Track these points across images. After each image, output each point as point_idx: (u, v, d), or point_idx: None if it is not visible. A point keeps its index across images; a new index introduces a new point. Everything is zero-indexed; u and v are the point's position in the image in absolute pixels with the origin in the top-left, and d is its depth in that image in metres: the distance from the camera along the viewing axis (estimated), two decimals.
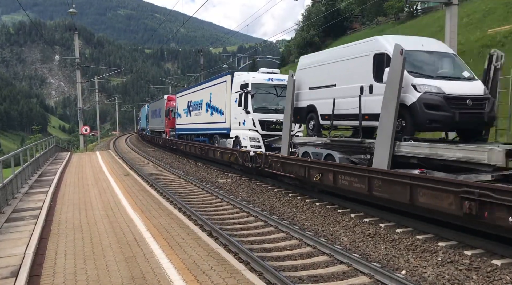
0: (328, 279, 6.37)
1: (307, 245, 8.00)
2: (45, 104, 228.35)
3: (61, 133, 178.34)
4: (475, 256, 6.91)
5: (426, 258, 7.11)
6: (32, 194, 11.61)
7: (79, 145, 37.53)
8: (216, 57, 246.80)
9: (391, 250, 7.60)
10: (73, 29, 36.17)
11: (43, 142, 21.97)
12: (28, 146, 17.06)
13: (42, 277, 5.41)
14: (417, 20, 44.35)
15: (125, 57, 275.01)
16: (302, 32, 66.15)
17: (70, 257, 6.15)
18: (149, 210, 9.38)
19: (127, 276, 5.35)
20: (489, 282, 6.04)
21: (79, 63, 36.45)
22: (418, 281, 6.20)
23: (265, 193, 13.55)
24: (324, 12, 55.66)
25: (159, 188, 14.60)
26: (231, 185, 15.62)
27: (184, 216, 9.14)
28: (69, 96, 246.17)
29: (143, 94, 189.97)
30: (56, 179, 14.24)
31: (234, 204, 11.94)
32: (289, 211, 11.04)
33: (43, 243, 6.87)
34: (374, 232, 8.64)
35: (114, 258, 6.06)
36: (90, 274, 5.46)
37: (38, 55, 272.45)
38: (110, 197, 11.12)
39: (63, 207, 9.84)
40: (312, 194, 12.27)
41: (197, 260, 5.96)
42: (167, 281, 5.17)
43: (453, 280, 6.17)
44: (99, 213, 9.10)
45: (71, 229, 7.81)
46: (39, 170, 17.26)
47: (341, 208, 10.62)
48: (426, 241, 7.80)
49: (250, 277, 5.33)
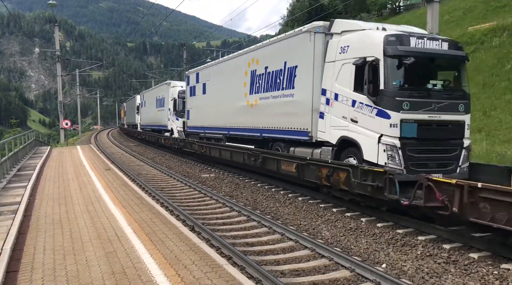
0: (310, 273, 6.41)
1: (289, 239, 8.04)
2: (24, 97, 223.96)
3: (41, 127, 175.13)
4: (453, 249, 7.05)
5: (406, 251, 7.22)
6: (10, 188, 11.38)
7: (60, 139, 36.91)
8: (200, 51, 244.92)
9: (372, 244, 7.70)
10: (53, 21, 35.47)
11: (22, 136, 21.55)
12: (6, 140, 16.71)
13: (19, 272, 5.31)
14: (399, 17, 44.75)
15: (107, 51, 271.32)
16: (286, 27, 66.10)
17: (49, 253, 6.05)
18: (130, 205, 9.29)
19: (108, 271, 5.29)
20: (466, 274, 6.17)
21: (60, 56, 35.76)
22: (398, 275, 6.30)
23: (248, 188, 13.55)
24: (308, 7, 55.67)
25: (141, 183, 14.47)
26: (214, 179, 15.59)
27: (166, 211, 9.08)
28: (49, 89, 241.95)
29: (125, 88, 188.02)
30: (35, 174, 13.99)
31: (217, 199, 11.91)
32: (272, 206, 11.07)
33: (21, 239, 6.75)
34: (355, 226, 8.73)
35: (94, 253, 5.99)
36: (70, 269, 5.39)
37: (17, 48, 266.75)
38: (90, 191, 10.98)
39: (42, 202, 9.68)
40: (294, 189, 12.36)
41: (179, 255, 5.93)
42: (148, 276, 5.13)
43: (431, 273, 6.29)
44: (80, 208, 8.97)
45: (50, 224, 7.69)
46: (18, 164, 16.93)
47: (323, 203, 10.71)
48: (406, 235, 7.92)
49: (232, 272, 5.33)
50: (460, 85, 9.93)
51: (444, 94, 9.48)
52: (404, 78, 9.25)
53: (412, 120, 9.02)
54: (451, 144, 9.44)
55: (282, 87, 13.00)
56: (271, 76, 13.73)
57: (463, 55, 9.89)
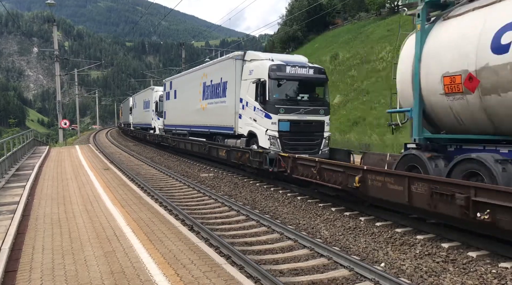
0: (309, 272, 6.42)
1: (288, 238, 8.04)
2: (23, 97, 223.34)
3: (40, 127, 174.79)
4: (451, 248, 7.06)
5: (404, 250, 7.23)
6: (9, 188, 11.36)
7: (58, 138, 36.83)
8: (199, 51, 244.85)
9: (370, 243, 7.71)
10: (51, 21, 35.35)
11: (20, 136, 21.50)
12: (5, 140, 16.66)
13: (18, 272, 5.31)
14: (398, 16, 44.79)
15: (106, 50, 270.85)
16: (285, 27, 66.10)
17: (48, 252, 6.05)
18: (129, 204, 9.29)
19: (106, 271, 5.29)
20: (464, 273, 6.18)
21: (58, 55, 35.64)
22: (397, 274, 6.30)
23: (247, 187, 13.56)
24: (307, 6, 55.66)
25: (140, 182, 14.46)
26: (213, 179, 15.58)
27: (165, 211, 9.08)
28: (48, 89, 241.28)
29: (124, 87, 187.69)
30: (34, 173, 13.97)
31: (216, 199, 11.91)
32: (270, 205, 11.08)
33: (20, 238, 6.74)
34: (354, 226, 8.74)
35: (93, 253, 5.99)
36: (68, 269, 5.38)
37: (16, 47, 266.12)
38: (89, 191, 10.97)
39: (41, 202, 9.67)
40: (294, 188, 12.37)
41: (178, 254, 5.93)
42: (147, 276, 5.13)
43: (430, 272, 6.30)
44: (78, 208, 8.97)
45: (49, 223, 7.68)
46: (17, 164, 16.90)
47: (322, 202, 10.72)
48: (405, 234, 7.93)
49: (231, 271, 5.34)
50: (323, 97, 14.92)
51: (309, 103, 14.43)
52: (281, 92, 14.17)
53: (286, 120, 13.90)
54: (315, 135, 14.31)
55: (219, 95, 17.82)
56: (214, 87, 18.65)
57: (323, 77, 14.90)
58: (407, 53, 9.92)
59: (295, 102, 14.14)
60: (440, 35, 8.97)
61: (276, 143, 13.75)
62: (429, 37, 9.24)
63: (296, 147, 13.81)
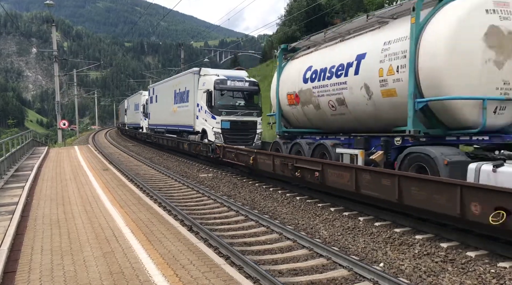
0: (308, 272, 6.42)
1: (287, 238, 8.05)
2: (22, 98, 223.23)
3: (39, 127, 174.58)
4: (450, 248, 7.07)
5: (403, 250, 7.24)
6: (7, 189, 11.36)
7: (57, 139, 36.80)
8: (198, 51, 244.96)
9: (369, 243, 7.71)
10: (50, 21, 35.34)
11: (19, 136, 21.49)
12: (4, 140, 16.66)
13: (17, 273, 5.31)
14: None
15: (105, 51, 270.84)
16: (284, 27, 66.06)
17: (46, 253, 6.05)
18: (128, 205, 9.29)
19: (105, 272, 5.29)
20: (463, 273, 6.19)
21: (57, 56, 35.62)
22: (396, 273, 6.31)
23: (246, 188, 13.56)
24: (306, 7, 55.65)
25: (139, 183, 14.46)
26: (212, 179, 15.59)
27: (164, 211, 9.08)
28: (47, 89, 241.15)
29: (123, 88, 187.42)
30: (33, 174, 13.96)
31: (215, 199, 11.91)
32: (269, 205, 11.08)
33: (18, 239, 6.74)
34: (353, 226, 8.75)
35: (92, 254, 5.99)
36: (67, 269, 5.38)
37: (14, 48, 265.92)
38: (88, 192, 10.97)
39: (40, 202, 9.66)
40: (293, 188, 12.38)
41: (177, 254, 5.93)
42: (146, 276, 5.14)
43: (429, 272, 6.30)
44: (77, 208, 8.96)
45: (48, 224, 7.68)
46: (15, 165, 16.90)
47: (321, 202, 10.72)
48: (404, 234, 7.94)
49: (229, 271, 5.34)
50: (257, 103, 19.93)
51: (245, 107, 19.38)
52: (223, 100, 19.09)
53: (227, 120, 18.77)
54: (249, 132, 19.28)
55: (184, 101, 22.72)
56: (181, 94, 23.53)
57: (256, 89, 20.04)
58: (274, 80, 15.81)
59: (234, 107, 19.08)
60: (288, 69, 14.98)
61: (220, 137, 18.60)
62: (284, 70, 15.23)
63: (235, 140, 18.42)
